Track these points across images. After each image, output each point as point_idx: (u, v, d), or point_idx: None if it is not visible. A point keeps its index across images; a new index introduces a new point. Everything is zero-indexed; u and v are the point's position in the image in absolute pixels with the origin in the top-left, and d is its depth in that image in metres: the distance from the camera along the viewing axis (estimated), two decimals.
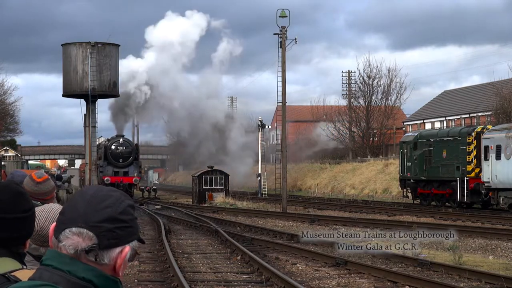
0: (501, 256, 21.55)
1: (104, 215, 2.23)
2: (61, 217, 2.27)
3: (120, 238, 2.25)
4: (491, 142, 37.66)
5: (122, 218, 2.25)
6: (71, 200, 2.29)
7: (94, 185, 2.35)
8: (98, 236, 2.21)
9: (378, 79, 76.42)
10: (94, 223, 2.21)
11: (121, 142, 58.89)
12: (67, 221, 2.24)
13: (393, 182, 55.85)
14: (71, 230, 2.22)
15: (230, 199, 50.99)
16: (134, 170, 58.32)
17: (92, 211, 2.23)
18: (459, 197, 40.03)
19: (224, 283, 16.76)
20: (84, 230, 2.21)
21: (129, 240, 2.28)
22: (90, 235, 2.21)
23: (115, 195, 2.28)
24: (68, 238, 2.22)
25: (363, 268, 18.26)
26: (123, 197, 2.29)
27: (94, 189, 2.29)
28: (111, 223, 2.23)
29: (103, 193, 2.27)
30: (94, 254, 2.22)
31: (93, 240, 2.21)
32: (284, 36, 44.51)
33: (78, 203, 2.25)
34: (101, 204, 2.24)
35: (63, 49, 58.99)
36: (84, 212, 2.23)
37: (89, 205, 2.24)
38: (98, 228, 2.21)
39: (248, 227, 31.61)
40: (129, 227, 2.27)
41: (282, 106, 45.14)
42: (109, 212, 2.23)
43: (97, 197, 2.25)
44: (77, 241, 2.21)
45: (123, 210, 2.26)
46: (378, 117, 76.11)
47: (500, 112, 58.30)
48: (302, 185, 71.97)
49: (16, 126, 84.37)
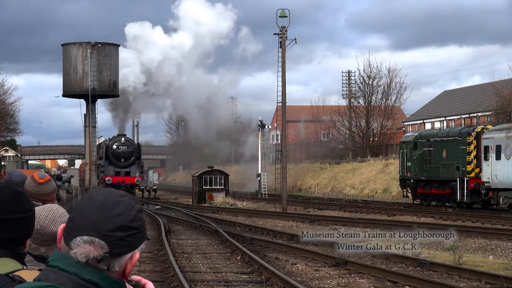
0: (501, 256, 21.54)
1: (116, 224, 2.21)
2: (72, 224, 2.25)
3: (131, 245, 2.25)
4: (491, 142, 37.65)
5: (133, 225, 2.25)
6: (80, 205, 2.27)
7: (102, 189, 2.31)
8: (109, 244, 2.20)
9: (378, 79, 76.47)
10: (106, 232, 2.20)
11: (122, 141, 58.05)
12: (78, 229, 2.22)
13: (393, 182, 55.84)
14: (82, 239, 2.21)
15: (230, 199, 50.98)
16: (136, 170, 57.64)
17: (103, 220, 2.21)
18: (459, 197, 40.03)
19: (224, 283, 16.76)
20: (95, 239, 2.20)
21: (138, 245, 2.28)
22: (102, 244, 2.20)
23: (125, 201, 2.26)
24: (79, 246, 2.21)
25: (363, 268, 18.26)
26: (133, 202, 2.28)
27: (104, 194, 2.27)
28: (122, 232, 2.22)
29: (113, 199, 2.25)
30: (106, 263, 2.22)
31: (105, 249, 2.21)
32: (284, 36, 44.51)
33: (89, 211, 2.23)
34: (112, 212, 2.22)
35: (63, 49, 59.03)
36: (95, 220, 2.21)
37: (100, 213, 2.22)
38: (110, 237, 2.20)
39: (248, 227, 31.60)
40: (139, 233, 2.27)
41: (282, 106, 45.14)
42: (120, 220, 2.22)
43: (107, 205, 2.23)
44: (89, 250, 2.21)
45: (133, 217, 2.25)
46: (378, 117, 76.10)
47: (500, 112, 58.30)
48: (302, 185, 71.96)
49: (16, 126, 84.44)
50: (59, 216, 4.14)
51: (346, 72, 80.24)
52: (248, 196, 53.91)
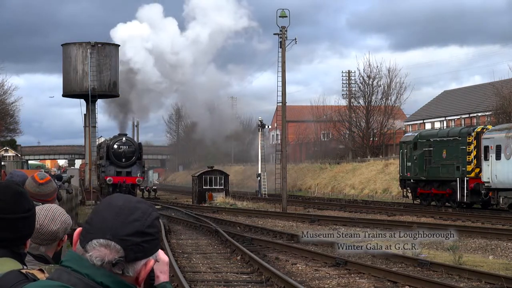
0: (501, 256, 21.54)
1: (133, 229, 2.23)
2: (88, 227, 2.27)
3: (146, 251, 2.26)
4: (491, 142, 37.65)
5: (150, 231, 2.26)
6: (98, 210, 2.29)
7: (121, 195, 2.34)
8: (125, 249, 2.22)
9: (378, 79, 76.44)
10: (123, 236, 2.22)
11: (123, 141, 57.33)
12: (95, 232, 2.24)
13: (393, 182, 55.83)
14: (98, 241, 2.22)
15: (230, 199, 50.97)
16: (138, 170, 56.99)
17: (120, 224, 2.23)
18: (459, 197, 40.02)
19: (224, 283, 16.76)
20: (112, 243, 2.21)
21: (153, 252, 2.29)
22: (118, 248, 2.22)
23: (142, 208, 2.28)
24: (95, 249, 2.23)
25: (363, 268, 18.26)
26: (150, 209, 2.30)
27: (123, 200, 2.29)
28: (139, 237, 2.24)
29: (131, 204, 2.27)
30: (121, 267, 2.23)
31: (120, 253, 2.22)
32: (284, 36, 44.51)
33: (107, 215, 2.25)
34: (130, 217, 2.24)
35: (63, 49, 59.05)
36: (113, 224, 2.23)
37: (118, 217, 2.24)
38: (126, 242, 2.22)
39: (248, 227, 31.60)
40: (155, 240, 2.29)
41: (282, 106, 45.14)
42: (137, 226, 2.24)
43: (125, 210, 2.25)
44: (104, 253, 2.22)
45: (150, 224, 2.27)
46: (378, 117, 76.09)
47: (500, 112, 58.27)
48: (302, 185, 71.96)
49: (16, 126, 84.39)
50: (58, 215, 4.15)
51: (346, 72, 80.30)
52: (248, 196, 53.92)
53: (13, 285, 2.39)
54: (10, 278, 2.42)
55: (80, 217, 32.82)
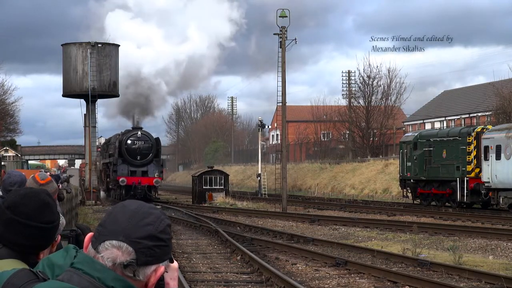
0: (501, 256, 21.54)
1: (145, 233, 2.26)
2: (101, 229, 2.29)
3: (157, 257, 2.29)
4: (491, 142, 37.65)
5: (162, 237, 2.29)
6: (112, 212, 2.32)
7: (135, 200, 2.39)
8: (137, 252, 2.25)
9: (378, 79, 76.46)
10: (135, 238, 2.25)
11: (139, 135, 50.75)
12: (108, 233, 2.27)
13: (393, 182, 55.83)
14: (111, 243, 2.25)
15: (230, 199, 50.96)
16: (155, 170, 50.66)
17: (133, 227, 2.26)
18: (459, 197, 40.02)
19: (224, 283, 16.77)
20: (124, 244, 2.24)
21: (164, 259, 2.31)
22: (130, 250, 2.24)
23: (156, 213, 2.32)
24: (107, 250, 2.25)
25: (363, 268, 18.26)
26: (163, 216, 2.33)
27: (136, 204, 2.33)
28: (151, 241, 2.27)
29: (144, 209, 2.31)
30: (132, 269, 2.25)
31: (132, 255, 2.25)
32: (284, 36, 44.50)
33: (120, 217, 2.28)
34: (143, 221, 2.28)
35: (63, 49, 59.03)
36: (126, 226, 2.26)
37: (131, 220, 2.27)
38: (138, 244, 2.25)
39: (248, 227, 31.60)
40: (166, 246, 2.31)
41: (282, 106, 45.14)
42: (150, 229, 2.27)
43: (139, 213, 2.29)
44: (116, 254, 2.25)
45: (163, 229, 2.30)
46: (378, 117, 76.09)
47: (500, 112, 58.25)
48: (302, 185, 71.96)
49: (16, 126, 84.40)
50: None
51: (346, 72, 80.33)
52: (248, 196, 53.90)
53: (24, 283, 2.38)
54: (21, 276, 2.42)
55: (80, 217, 32.79)
